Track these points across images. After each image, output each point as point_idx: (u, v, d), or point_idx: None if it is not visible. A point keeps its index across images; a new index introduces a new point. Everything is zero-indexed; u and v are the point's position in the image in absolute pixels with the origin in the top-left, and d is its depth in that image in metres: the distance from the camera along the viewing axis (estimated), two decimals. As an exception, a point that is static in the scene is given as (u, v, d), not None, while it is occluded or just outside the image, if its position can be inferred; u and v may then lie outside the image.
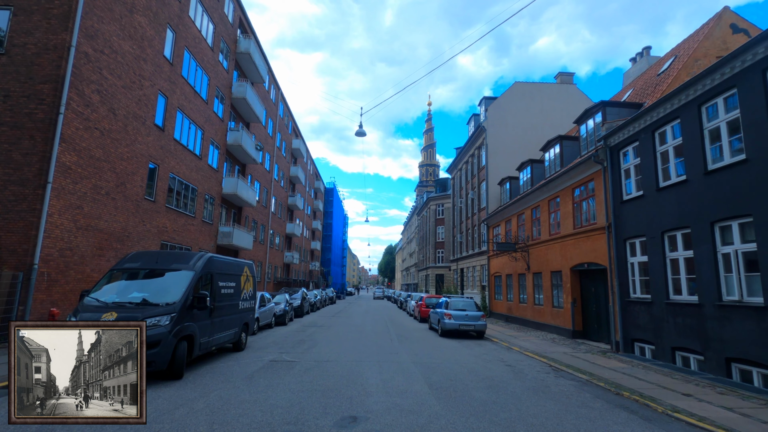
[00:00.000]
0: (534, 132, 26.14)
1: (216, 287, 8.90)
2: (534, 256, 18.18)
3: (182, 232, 17.92)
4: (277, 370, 8.17)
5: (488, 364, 9.71)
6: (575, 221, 14.74)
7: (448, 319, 14.75)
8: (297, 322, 19.75)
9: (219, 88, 21.67)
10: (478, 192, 29.00)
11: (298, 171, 40.86)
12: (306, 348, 11.29)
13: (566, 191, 15.38)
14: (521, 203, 19.97)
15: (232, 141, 23.04)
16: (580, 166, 13.87)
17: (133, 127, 14.14)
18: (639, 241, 11.10)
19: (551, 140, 17.78)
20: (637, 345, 11.11)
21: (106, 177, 12.80)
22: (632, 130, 11.33)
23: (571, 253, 14.76)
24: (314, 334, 14.76)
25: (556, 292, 16.07)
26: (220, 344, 9.27)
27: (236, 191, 22.76)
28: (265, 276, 31.71)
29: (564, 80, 28.08)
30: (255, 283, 11.88)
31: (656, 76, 15.11)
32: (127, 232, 13.93)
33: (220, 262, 9.38)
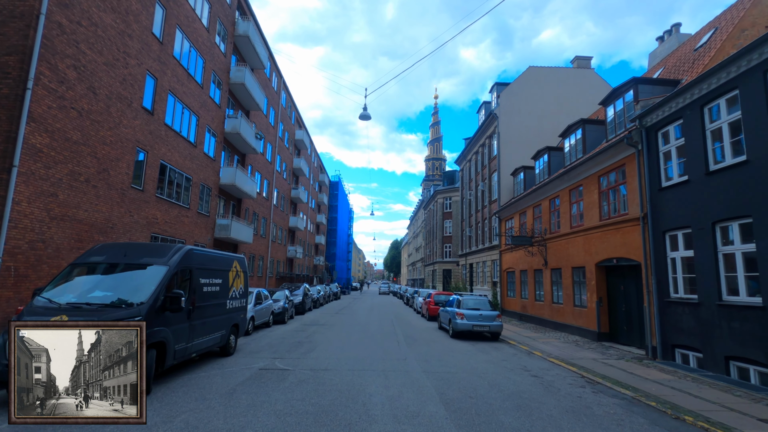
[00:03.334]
0: (549, 119, 24.63)
1: (196, 285, 7.70)
2: (552, 250, 16.83)
3: (175, 224, 16.79)
4: (265, 383, 6.98)
5: (510, 374, 8.45)
6: (601, 212, 13.36)
7: (461, 319, 13.49)
8: (298, 320, 18.61)
9: (215, 73, 20.42)
10: (489, 183, 27.59)
11: (301, 163, 39.58)
12: (303, 352, 10.10)
13: (591, 179, 13.98)
14: (538, 194, 18.58)
15: (231, 129, 21.83)
16: (609, 150, 12.46)
17: (117, 108, 12.96)
18: (682, 233, 9.72)
19: (572, 125, 16.35)
20: (678, 352, 9.76)
21: (86, 162, 11.64)
22: (674, 106, 9.91)
23: (596, 248, 13.39)
24: (314, 334, 13.58)
25: (578, 290, 14.73)
26: (203, 350, 8.08)
27: (234, 182, 21.58)
28: (267, 271, 30.61)
29: (581, 64, 26.43)
30: (247, 279, 10.68)
31: (692, 52, 13.62)
32: (111, 222, 12.80)
33: (202, 256, 8.18)
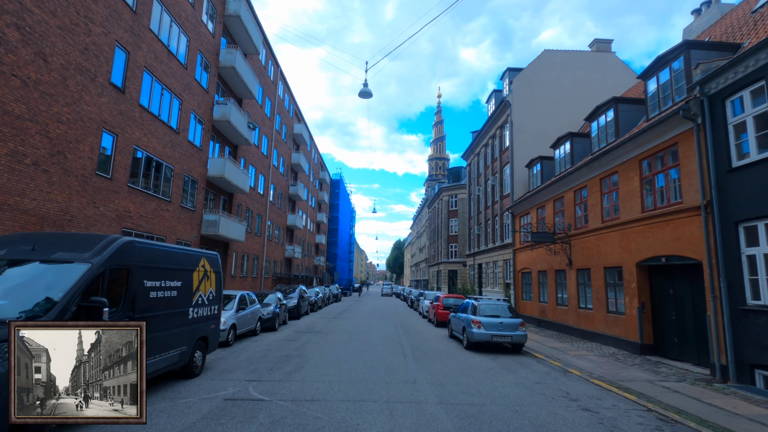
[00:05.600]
0: (566, 107, 22.63)
1: (139, 289, 5.78)
2: (579, 248, 14.83)
3: (153, 219, 14.91)
4: (227, 423, 5.05)
5: (553, 405, 6.47)
6: (644, 202, 11.36)
7: (477, 327, 11.52)
8: (291, 325, 16.67)
9: (202, 54, 18.54)
10: (500, 177, 25.59)
11: (300, 158, 37.66)
12: (288, 371, 8.16)
13: (629, 165, 11.98)
14: (559, 185, 16.59)
15: (220, 116, 19.94)
16: (656, 128, 10.47)
17: (76, 82, 11.08)
18: (763, 224, 7.73)
19: (602, 105, 14.35)
20: (759, 373, 7.75)
21: (33, 142, 9.77)
22: (752, 65, 7.93)
23: (638, 244, 11.39)
24: (306, 344, 11.65)
25: (613, 294, 12.72)
26: (150, 375, 6.14)
27: (224, 174, 19.68)
28: (263, 272, 28.70)
29: (600, 48, 24.39)
30: (220, 280, 8.75)
31: (750, 15, 11.62)
32: (68, 214, 10.93)
33: (149, 251, 6.23)
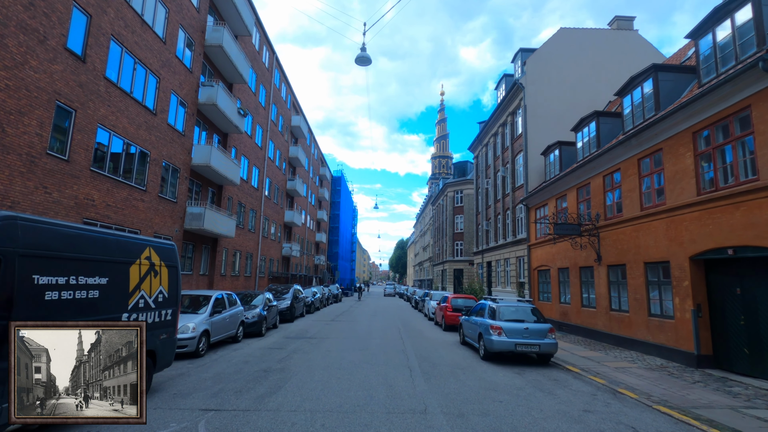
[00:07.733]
0: (585, 89, 20.68)
1: (22, 288, 3.92)
2: (610, 241, 12.89)
3: (123, 209, 13.09)
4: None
5: (623, 450, 4.57)
6: (699, 183, 9.42)
7: (497, 334, 9.63)
8: (281, 329, 14.83)
9: (185, 29, 16.73)
10: (512, 167, 23.65)
11: (298, 152, 35.78)
12: (261, 394, 6.30)
13: (679, 139, 10.04)
14: (584, 171, 14.66)
15: (206, 99, 18.13)
16: (719, 89, 8.51)
17: (18, 42, 9.28)
18: None
19: (637, 75, 12.40)
20: None
21: (-44, 109, 7.98)
22: None
23: (691, 234, 9.46)
24: (293, 354, 9.79)
25: (657, 294, 10.78)
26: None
27: (210, 163, 17.87)
28: (257, 270, 26.88)
29: (621, 26, 22.39)
30: (176, 277, 6.89)
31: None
32: (9, 200, 9.12)
33: (48, 233, 4.35)
